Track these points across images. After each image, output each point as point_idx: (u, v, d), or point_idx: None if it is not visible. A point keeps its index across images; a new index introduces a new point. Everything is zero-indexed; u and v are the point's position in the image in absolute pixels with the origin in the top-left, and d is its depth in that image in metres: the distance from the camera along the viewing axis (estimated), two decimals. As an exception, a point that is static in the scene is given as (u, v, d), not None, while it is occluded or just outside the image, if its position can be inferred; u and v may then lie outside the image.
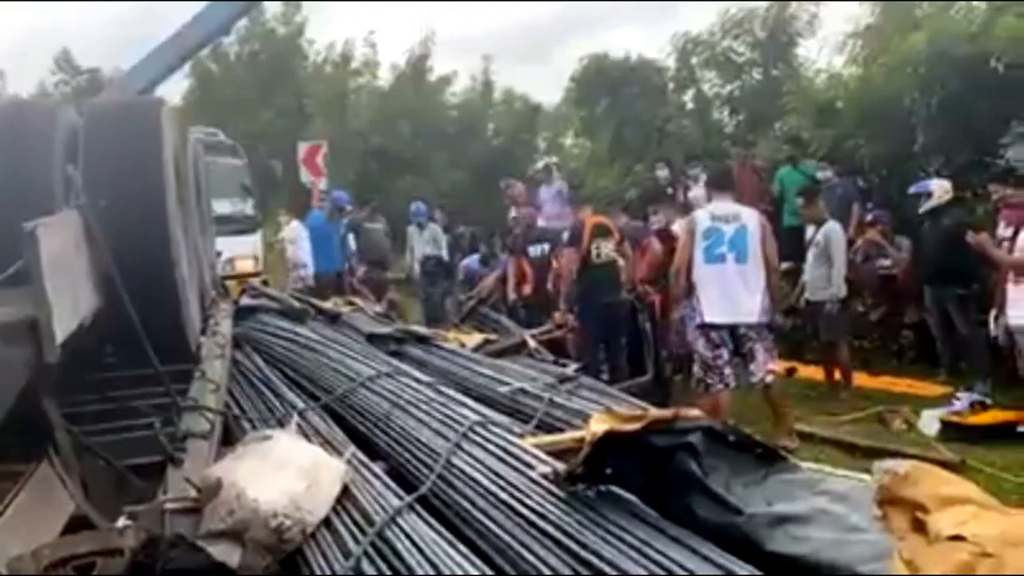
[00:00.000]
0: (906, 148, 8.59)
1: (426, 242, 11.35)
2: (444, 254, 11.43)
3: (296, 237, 12.01)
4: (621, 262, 6.98)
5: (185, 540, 2.13)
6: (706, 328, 5.49)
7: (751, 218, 5.66)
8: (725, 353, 5.45)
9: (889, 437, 5.75)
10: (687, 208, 8.87)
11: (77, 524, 2.33)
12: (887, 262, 8.05)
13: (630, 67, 13.23)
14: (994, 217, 6.94)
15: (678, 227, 7.55)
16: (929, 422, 5.92)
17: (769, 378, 5.52)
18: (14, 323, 2.11)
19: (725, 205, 5.72)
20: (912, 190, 7.40)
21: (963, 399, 6.04)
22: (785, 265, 8.34)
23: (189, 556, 2.08)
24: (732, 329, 5.47)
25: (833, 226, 7.13)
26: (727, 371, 5.45)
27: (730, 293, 5.48)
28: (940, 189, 7.16)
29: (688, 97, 13.42)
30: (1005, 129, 7.95)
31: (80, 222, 2.85)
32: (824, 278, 7.02)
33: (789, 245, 8.22)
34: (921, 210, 7.23)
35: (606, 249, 6.75)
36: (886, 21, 10.00)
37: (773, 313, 5.66)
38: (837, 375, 7.21)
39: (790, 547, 1.86)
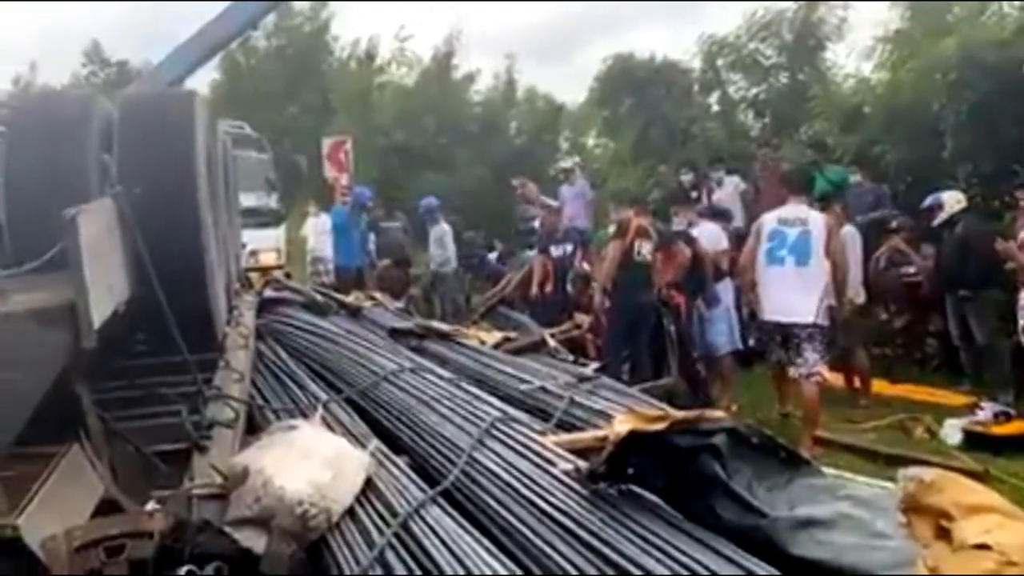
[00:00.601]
0: (934, 154, 8.51)
1: (433, 241, 11.14)
2: (450, 255, 11.16)
3: (318, 231, 12.12)
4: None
5: (212, 525, 2.17)
6: (762, 323, 5.95)
7: (817, 222, 5.75)
8: (772, 346, 5.91)
9: (911, 445, 5.70)
10: (711, 211, 8.86)
11: (106, 507, 2.38)
12: (911, 269, 7.99)
13: (655, 68, 13.19)
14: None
15: (698, 231, 7.54)
16: (952, 431, 5.86)
17: (814, 379, 5.60)
18: (53, 307, 2.16)
19: (796, 208, 5.85)
20: (926, 203, 7.35)
21: (987, 409, 5.98)
22: None
23: (216, 541, 2.13)
24: (786, 327, 5.70)
25: (849, 230, 7.14)
26: (773, 358, 5.95)
27: (787, 294, 5.68)
28: (952, 200, 7.17)
29: (713, 99, 13.37)
30: (1036, 138, 7.86)
31: (115, 210, 2.90)
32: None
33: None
34: (935, 223, 7.20)
35: (646, 249, 6.78)
36: (916, 26, 9.90)
37: (835, 312, 5.74)
38: (857, 382, 7.16)
39: (814, 551, 1.86)
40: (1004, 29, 8.43)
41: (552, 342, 5.45)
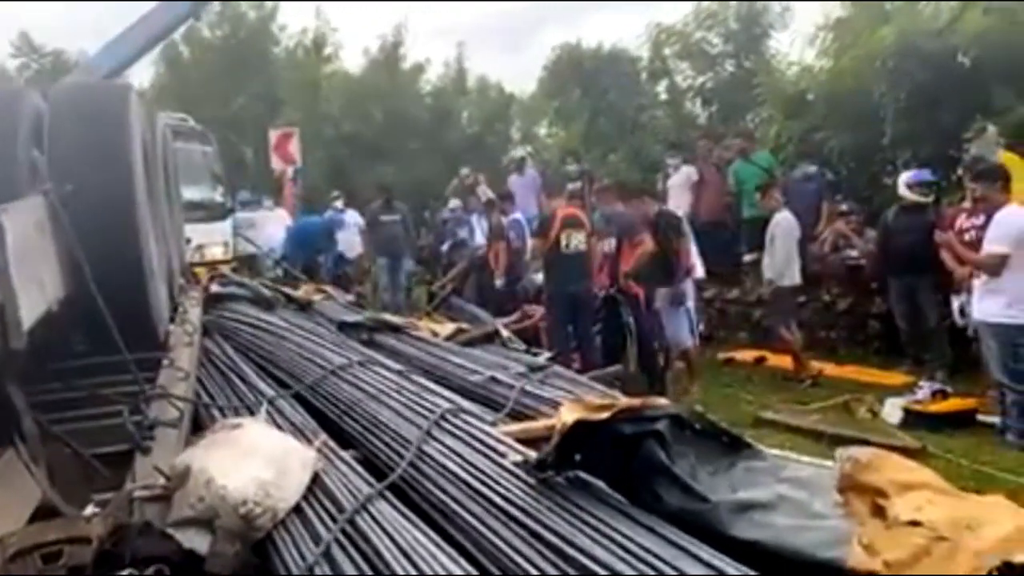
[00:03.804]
0: (875, 140, 8.71)
1: None
2: None
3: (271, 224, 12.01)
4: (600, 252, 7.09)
5: (154, 528, 2.12)
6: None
7: None
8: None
9: (854, 425, 5.88)
10: (663, 197, 8.97)
11: (44, 513, 2.31)
12: (854, 253, 8.18)
13: (603, 57, 13.25)
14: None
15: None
16: (892, 410, 6.05)
17: None
18: (-22, 310, 2.08)
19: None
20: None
21: (925, 388, 6.17)
22: (749, 257, 8.53)
23: (158, 544, 2.07)
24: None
25: (786, 216, 7.40)
26: None
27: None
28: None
29: (662, 88, 13.48)
30: (971, 124, 8.07)
31: (46, 207, 2.81)
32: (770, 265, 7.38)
33: (751, 236, 8.36)
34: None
35: (575, 240, 6.80)
36: (856, 14, 10.11)
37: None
38: (808, 365, 7.36)
39: (753, 533, 1.90)
40: (939, 18, 8.65)
41: (505, 332, 5.46)
